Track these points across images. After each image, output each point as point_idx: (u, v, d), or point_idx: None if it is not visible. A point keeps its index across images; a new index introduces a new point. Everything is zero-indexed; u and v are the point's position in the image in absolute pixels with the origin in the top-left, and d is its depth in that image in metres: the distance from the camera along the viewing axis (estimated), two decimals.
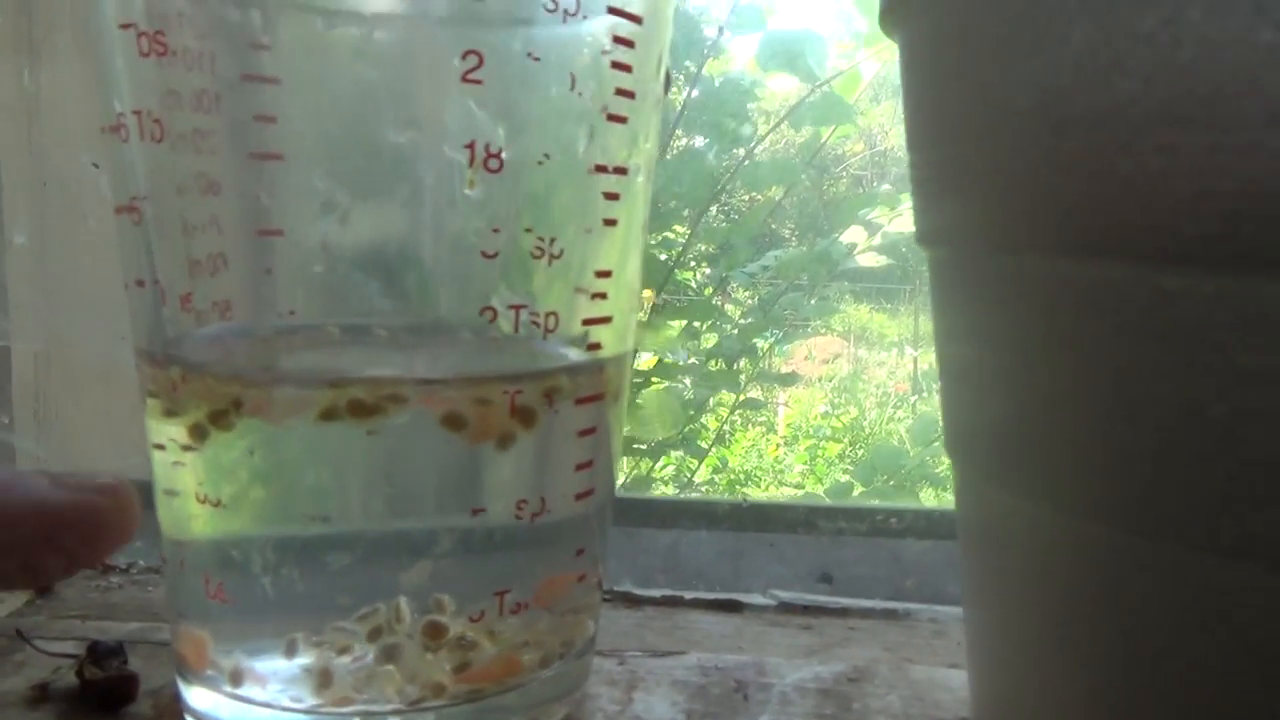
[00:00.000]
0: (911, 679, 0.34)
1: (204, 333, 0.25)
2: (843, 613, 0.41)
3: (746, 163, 1.01)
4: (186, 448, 0.25)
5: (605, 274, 0.26)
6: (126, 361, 0.28)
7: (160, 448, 0.26)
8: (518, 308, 0.24)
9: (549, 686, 0.28)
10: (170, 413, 0.25)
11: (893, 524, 0.50)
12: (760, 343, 1.06)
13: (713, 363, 1.02)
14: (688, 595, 0.41)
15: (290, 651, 0.25)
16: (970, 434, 0.25)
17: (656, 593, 0.41)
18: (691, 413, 0.97)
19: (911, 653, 0.37)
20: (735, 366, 1.03)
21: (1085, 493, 0.21)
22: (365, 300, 0.24)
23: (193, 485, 0.25)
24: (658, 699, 0.31)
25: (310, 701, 0.25)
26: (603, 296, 0.26)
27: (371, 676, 0.25)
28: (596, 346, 0.27)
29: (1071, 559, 0.22)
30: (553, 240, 0.24)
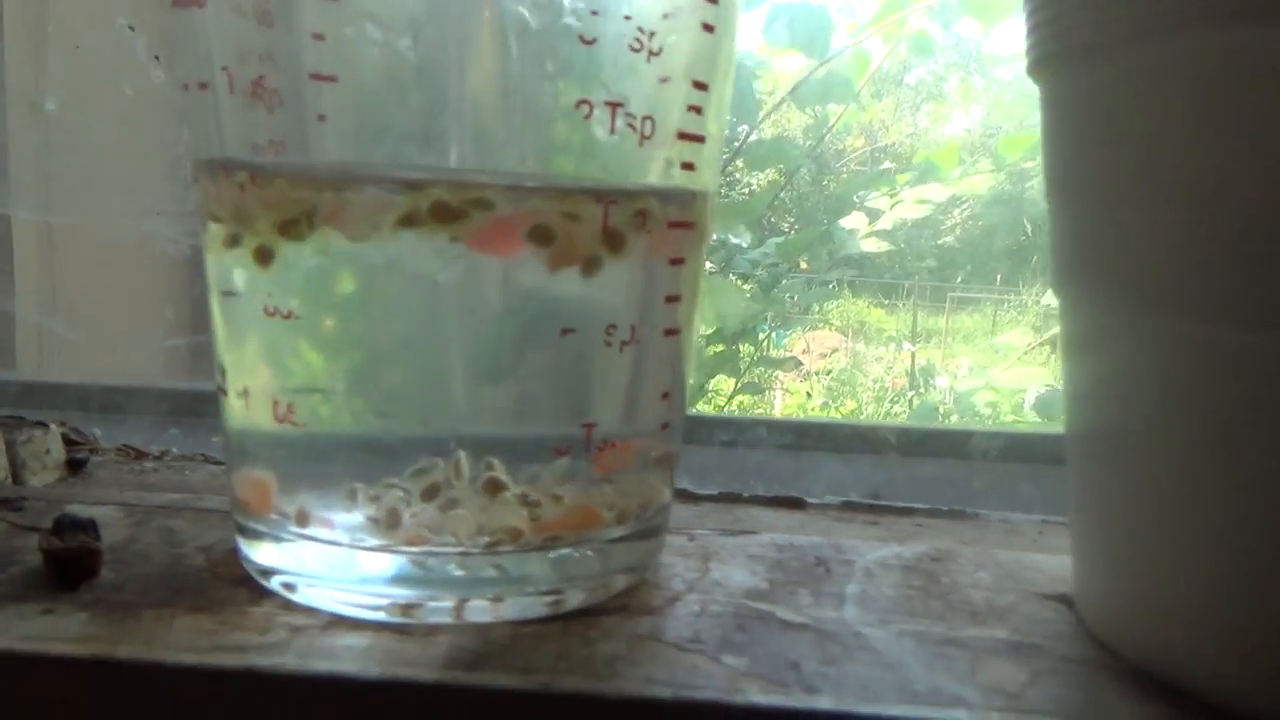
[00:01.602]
0: (997, 560, 0.32)
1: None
2: (908, 511, 0.39)
3: (752, 138, 0.99)
4: (255, 261, 0.23)
5: (702, 86, 0.24)
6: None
7: (223, 272, 0.24)
8: (614, 105, 0.22)
9: (626, 547, 0.26)
10: (235, 231, 0.23)
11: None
12: (760, 334, 1.05)
13: (711, 347, 0.99)
14: (745, 493, 0.40)
15: (358, 490, 0.23)
16: (1101, 257, 0.23)
17: (714, 490, 0.40)
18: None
19: (988, 544, 0.35)
20: (735, 348, 1.01)
21: (1235, 298, 0.19)
22: (447, 89, 0.22)
23: (261, 299, 0.23)
24: (735, 569, 0.30)
25: (378, 541, 0.24)
26: (698, 111, 0.24)
27: (444, 518, 0.24)
28: (690, 167, 0.25)
29: (1220, 369, 0.20)
30: (651, 34, 0.22)
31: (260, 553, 0.26)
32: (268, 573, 0.25)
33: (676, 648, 0.24)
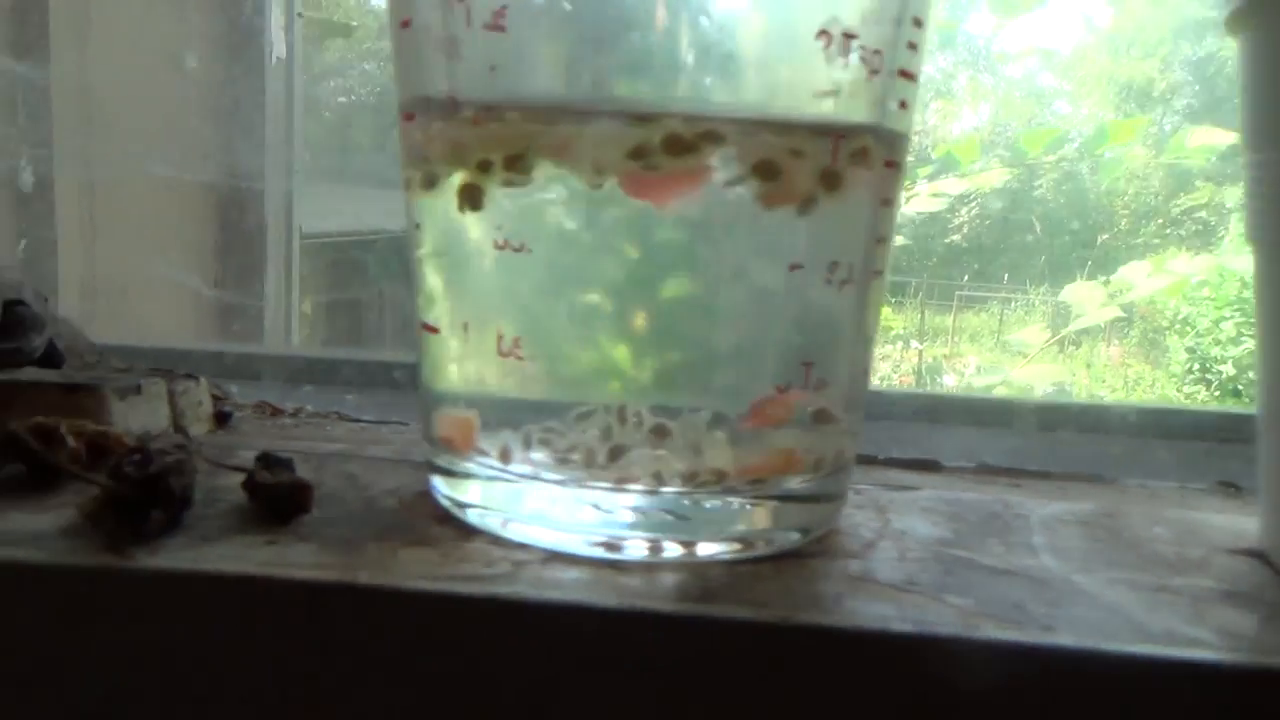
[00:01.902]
0: (1169, 519, 0.32)
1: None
2: (1046, 475, 0.39)
3: None
4: (478, 197, 0.23)
5: (919, 23, 0.24)
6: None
7: (440, 210, 0.24)
8: (850, 37, 0.22)
9: (824, 492, 0.26)
10: (455, 167, 0.23)
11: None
12: None
13: None
14: (881, 456, 0.39)
15: (567, 427, 0.23)
16: None
17: None
18: None
19: (1136, 508, 0.34)
20: None
21: None
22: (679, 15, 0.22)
23: (489, 233, 0.23)
24: (914, 521, 0.29)
25: (586, 477, 0.24)
26: (914, 48, 0.24)
27: (653, 457, 0.24)
28: (904, 106, 0.25)
29: None
30: None
31: (462, 490, 0.26)
32: (469, 508, 0.26)
33: (896, 588, 0.24)
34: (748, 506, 0.25)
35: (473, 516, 0.26)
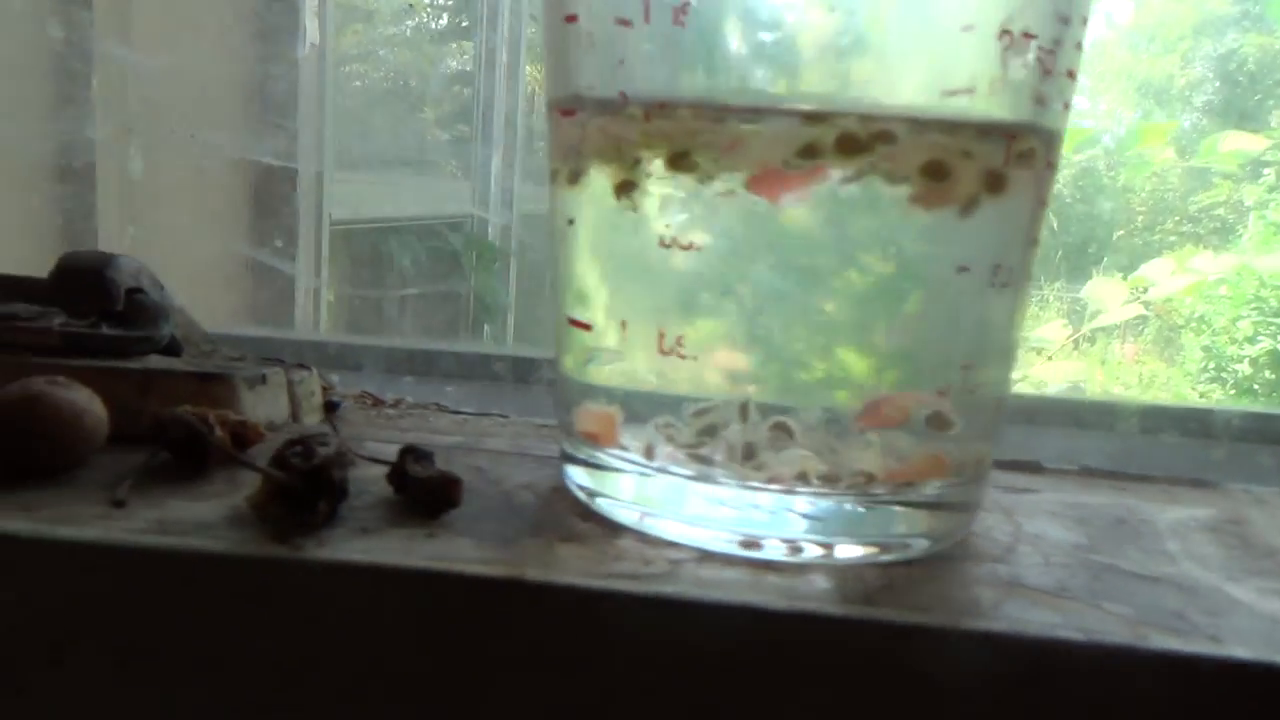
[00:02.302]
0: None
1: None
2: (1150, 479, 0.39)
3: None
4: (642, 195, 0.23)
5: (1084, 22, 0.24)
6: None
7: (596, 206, 0.24)
8: (1029, 37, 0.22)
9: (964, 497, 0.26)
10: (614, 164, 0.23)
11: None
12: None
13: None
14: None
15: (715, 424, 0.23)
16: None
17: None
18: None
19: (1253, 513, 0.34)
20: None
21: None
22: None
23: (651, 231, 0.23)
24: (1044, 525, 0.29)
25: (726, 473, 0.24)
26: (1078, 48, 0.24)
27: (801, 457, 0.24)
28: (1067, 107, 0.24)
29: None
30: None
31: (602, 483, 0.26)
32: (607, 500, 0.26)
33: (1050, 594, 0.24)
34: (895, 510, 0.25)
35: (610, 508, 0.26)
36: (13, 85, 0.44)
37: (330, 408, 0.38)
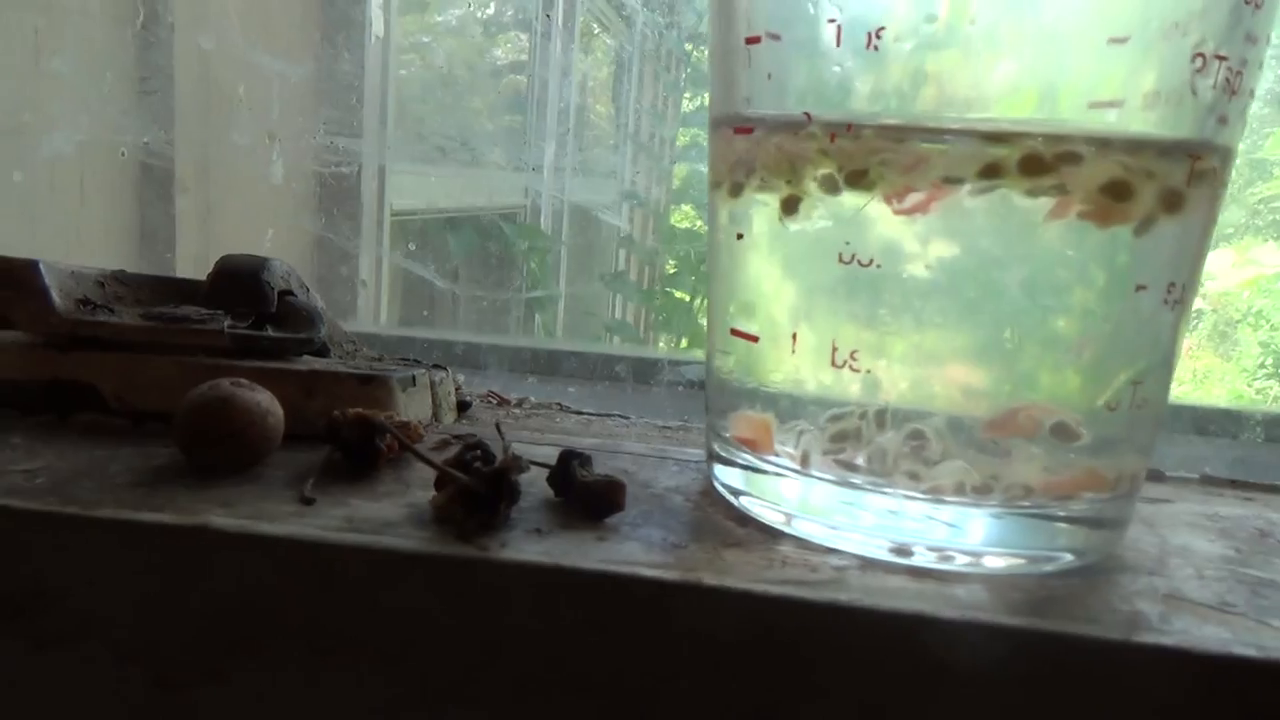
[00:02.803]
0: None
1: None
2: (1273, 489, 0.38)
3: None
4: (820, 210, 0.24)
5: (1269, 40, 0.24)
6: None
7: (770, 220, 0.24)
8: (1221, 59, 0.22)
9: (1117, 510, 0.26)
10: (786, 179, 0.24)
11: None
12: None
13: None
14: None
15: (875, 434, 0.24)
16: None
17: None
18: None
19: None
20: None
21: None
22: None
23: (834, 247, 0.23)
24: (1188, 536, 0.29)
25: (887, 483, 0.24)
26: (1261, 66, 0.24)
27: (956, 466, 0.24)
28: (1244, 124, 0.24)
29: None
30: None
31: (758, 488, 0.27)
32: (755, 501, 0.26)
33: (1214, 609, 0.24)
34: (1048, 522, 0.25)
35: (761, 511, 0.27)
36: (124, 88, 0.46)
37: (462, 407, 0.39)
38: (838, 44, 0.22)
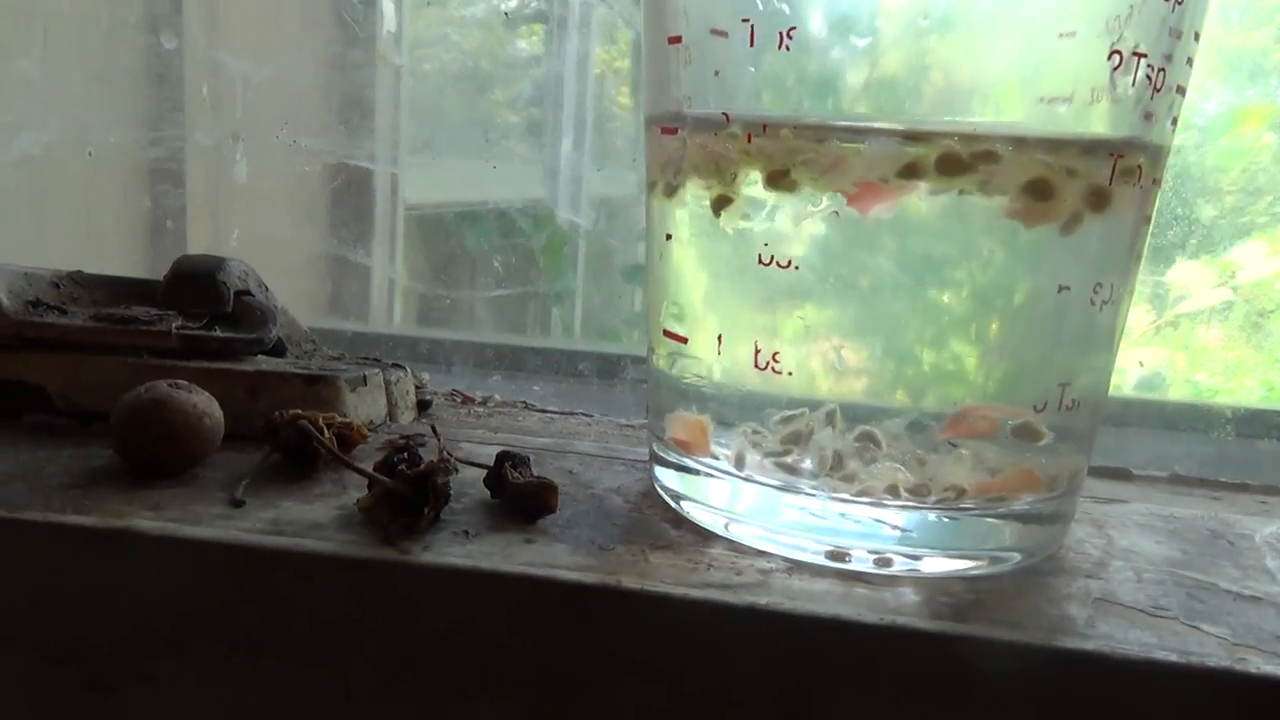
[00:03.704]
0: None
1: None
2: (1243, 487, 0.38)
3: None
4: (740, 212, 0.23)
5: (1197, 37, 0.23)
6: None
7: (695, 223, 0.24)
8: (1140, 56, 0.22)
9: (1054, 512, 0.26)
10: (712, 182, 0.24)
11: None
12: None
13: None
14: None
15: (809, 436, 0.24)
16: None
17: None
18: None
19: None
20: None
21: None
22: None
23: (752, 249, 0.23)
24: (1136, 538, 0.29)
25: (819, 487, 0.24)
26: (1190, 63, 0.23)
27: (890, 470, 0.24)
28: (1175, 122, 0.24)
29: None
30: None
31: (692, 489, 0.27)
32: (694, 505, 0.26)
33: (1144, 613, 0.24)
34: (985, 523, 0.25)
35: (697, 513, 0.26)
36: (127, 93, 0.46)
37: (423, 406, 0.39)
38: (751, 43, 0.22)
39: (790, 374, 0.24)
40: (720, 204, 0.24)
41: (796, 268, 0.23)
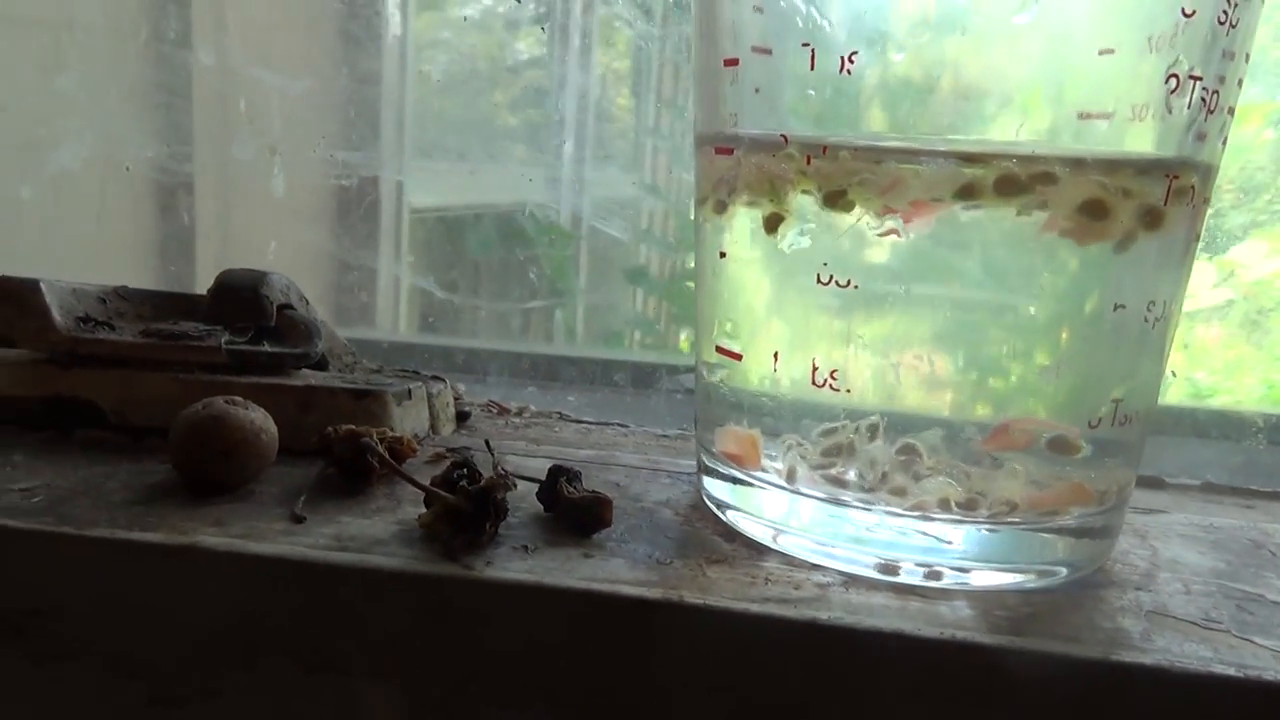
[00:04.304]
0: None
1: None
2: (1276, 496, 0.38)
3: None
4: (801, 231, 0.24)
5: (1247, 58, 0.24)
6: None
7: (752, 241, 0.25)
8: (1195, 79, 0.22)
9: (1104, 525, 0.26)
10: (768, 199, 0.24)
11: None
12: None
13: None
14: None
15: (865, 451, 0.24)
16: None
17: None
18: None
19: None
20: None
21: None
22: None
23: (813, 267, 0.24)
24: (1180, 549, 0.29)
25: (873, 500, 0.24)
26: (1240, 84, 0.24)
27: (939, 483, 0.24)
28: (1224, 142, 0.24)
29: None
30: (1235, 5, 0.22)
31: (745, 502, 0.27)
32: (744, 516, 0.27)
33: (1197, 625, 0.24)
34: (1035, 537, 0.25)
35: (746, 524, 0.27)
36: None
37: (462, 417, 0.40)
38: (811, 67, 0.22)
39: (849, 391, 0.24)
40: (773, 222, 0.24)
41: (856, 286, 0.23)
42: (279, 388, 0.32)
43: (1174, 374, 0.41)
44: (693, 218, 0.28)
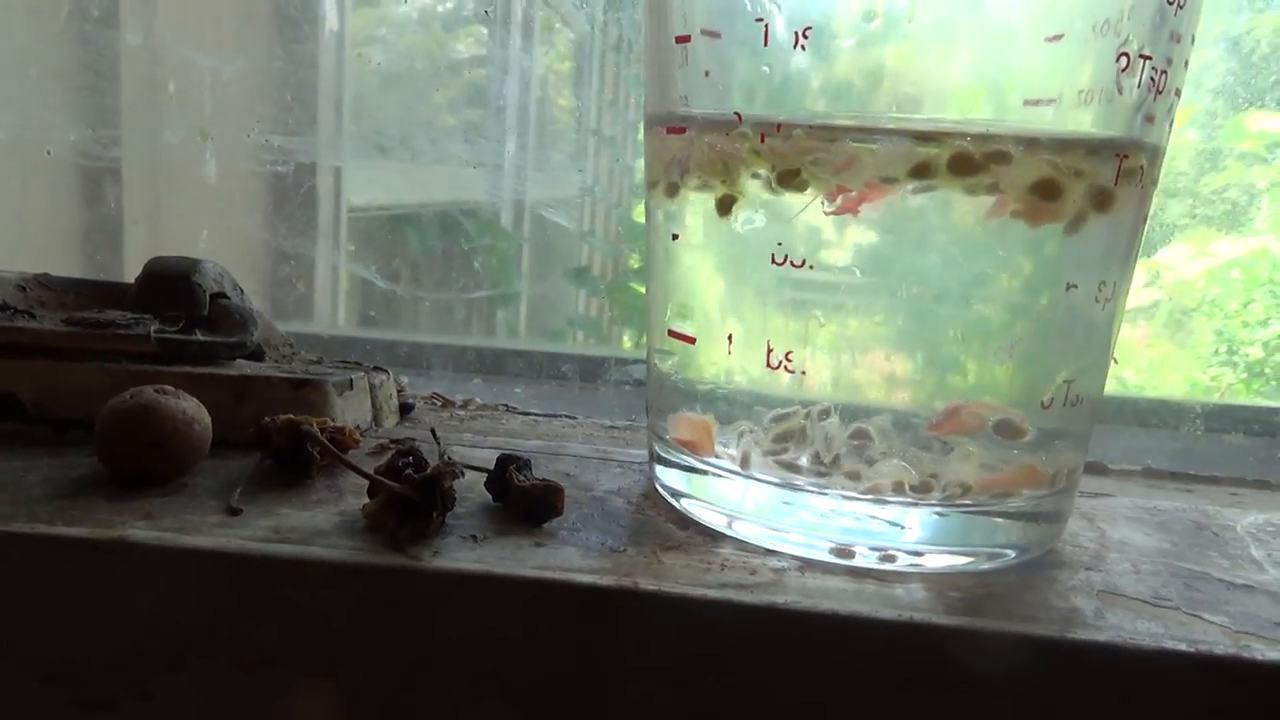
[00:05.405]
0: None
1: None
2: (1214, 480, 0.39)
3: None
4: (752, 212, 0.23)
5: (1192, 40, 0.24)
6: None
7: (703, 222, 0.24)
8: (1145, 58, 0.22)
9: (1055, 507, 0.26)
10: (719, 181, 0.24)
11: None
12: None
13: None
14: None
15: (816, 434, 0.24)
16: None
17: None
18: None
19: None
20: None
21: None
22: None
23: (767, 248, 0.23)
24: (1127, 530, 0.30)
25: (826, 484, 0.24)
26: (1186, 65, 0.24)
27: (894, 465, 0.24)
28: (1172, 123, 0.25)
29: None
30: None
31: (697, 488, 0.26)
32: (697, 503, 0.26)
33: (1148, 603, 0.24)
34: (988, 519, 0.25)
35: (700, 513, 0.26)
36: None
37: (405, 409, 0.38)
38: (765, 43, 0.22)
39: (803, 373, 0.23)
40: (726, 204, 0.24)
41: (811, 267, 0.23)
42: (213, 378, 0.30)
43: (1116, 360, 0.42)
44: (643, 202, 0.28)
